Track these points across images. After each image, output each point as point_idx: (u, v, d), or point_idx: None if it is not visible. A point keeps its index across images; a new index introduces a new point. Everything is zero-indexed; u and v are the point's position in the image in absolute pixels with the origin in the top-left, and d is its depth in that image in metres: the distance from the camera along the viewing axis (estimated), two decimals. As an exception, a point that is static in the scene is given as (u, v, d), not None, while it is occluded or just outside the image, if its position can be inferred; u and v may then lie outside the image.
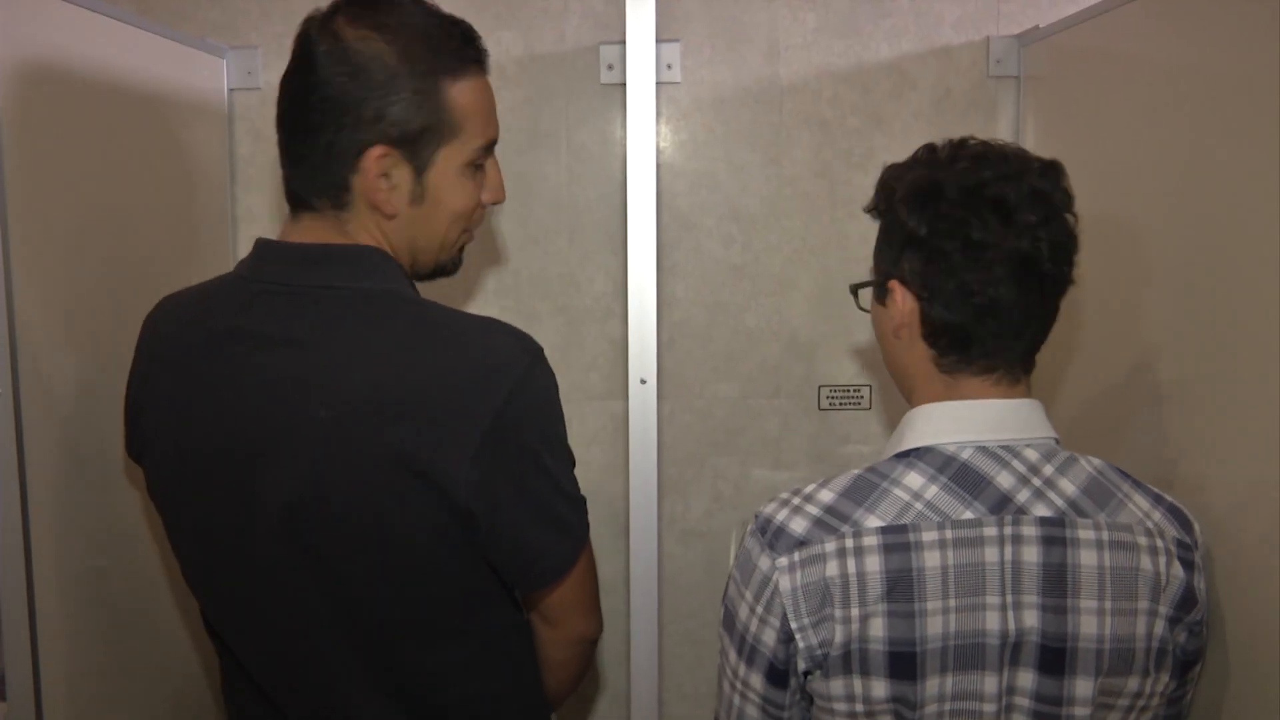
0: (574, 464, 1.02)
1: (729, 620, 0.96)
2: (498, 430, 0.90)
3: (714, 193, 1.68)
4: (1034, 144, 1.56)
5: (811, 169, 1.67)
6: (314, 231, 0.97)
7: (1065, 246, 0.92)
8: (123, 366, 1.31)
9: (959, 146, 0.95)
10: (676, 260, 1.69)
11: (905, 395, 1.01)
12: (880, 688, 0.86)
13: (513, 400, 0.91)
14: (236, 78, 1.66)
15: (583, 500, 1.03)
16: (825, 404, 1.70)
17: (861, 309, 1.05)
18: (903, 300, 0.94)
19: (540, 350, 0.96)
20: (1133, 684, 0.88)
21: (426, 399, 0.89)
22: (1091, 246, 1.29)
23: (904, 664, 0.86)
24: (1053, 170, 0.93)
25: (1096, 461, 0.93)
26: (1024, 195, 0.89)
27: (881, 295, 0.98)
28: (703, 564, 1.74)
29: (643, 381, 1.13)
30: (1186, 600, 0.89)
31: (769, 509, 0.93)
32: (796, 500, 0.92)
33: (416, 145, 0.96)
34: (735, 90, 1.66)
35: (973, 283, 0.89)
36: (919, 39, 1.64)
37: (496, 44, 1.62)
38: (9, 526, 1.07)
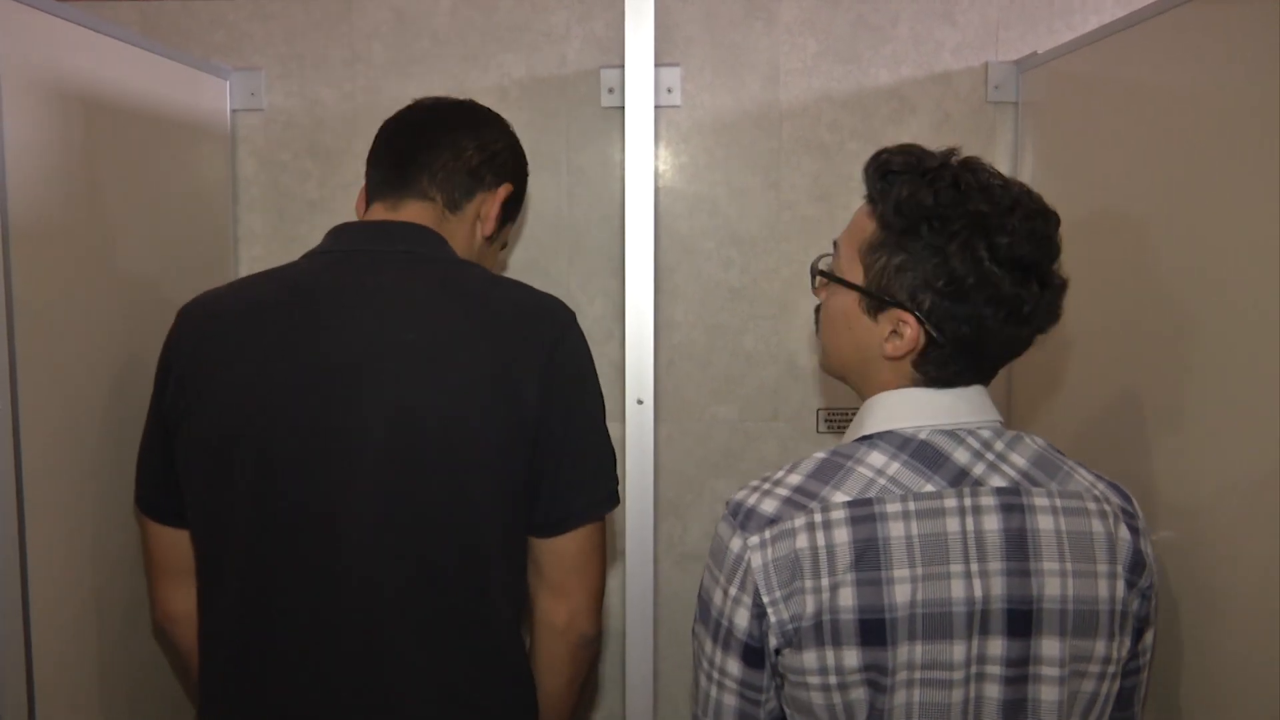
0: (605, 415, 1.16)
1: (704, 611, 0.97)
2: (556, 357, 1.08)
3: (713, 216, 1.68)
4: (1032, 169, 1.57)
5: (810, 193, 1.67)
6: (415, 214, 1.16)
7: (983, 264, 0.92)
8: (125, 382, 1.30)
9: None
10: (676, 283, 1.69)
11: (856, 381, 1.02)
12: (852, 657, 0.89)
13: (564, 337, 1.10)
14: (240, 99, 1.67)
15: (614, 452, 1.15)
16: (824, 427, 1.70)
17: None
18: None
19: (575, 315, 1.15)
20: (1100, 648, 0.92)
21: (501, 325, 1.08)
22: (1090, 270, 1.29)
23: (874, 631, 0.88)
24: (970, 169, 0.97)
25: (1040, 440, 0.98)
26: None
27: None
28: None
29: (640, 402, 1.14)
30: (1137, 563, 0.94)
31: (740, 495, 0.96)
32: (766, 485, 0.96)
33: (515, 203, 1.26)
34: (735, 114, 1.67)
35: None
36: (918, 65, 1.65)
37: (499, 67, 1.63)
38: (6, 543, 1.07)
